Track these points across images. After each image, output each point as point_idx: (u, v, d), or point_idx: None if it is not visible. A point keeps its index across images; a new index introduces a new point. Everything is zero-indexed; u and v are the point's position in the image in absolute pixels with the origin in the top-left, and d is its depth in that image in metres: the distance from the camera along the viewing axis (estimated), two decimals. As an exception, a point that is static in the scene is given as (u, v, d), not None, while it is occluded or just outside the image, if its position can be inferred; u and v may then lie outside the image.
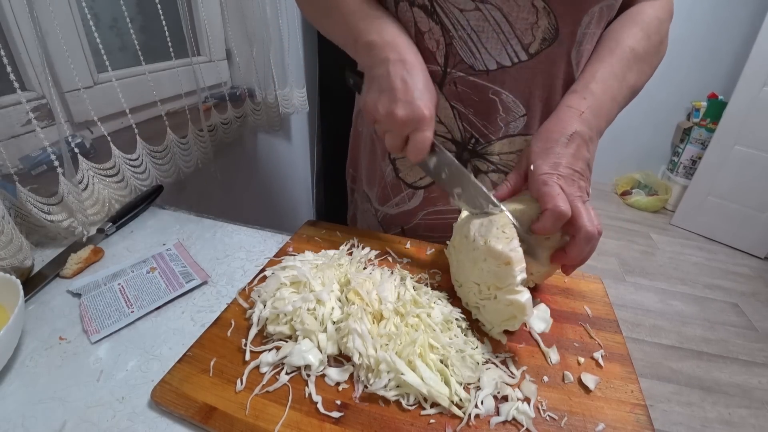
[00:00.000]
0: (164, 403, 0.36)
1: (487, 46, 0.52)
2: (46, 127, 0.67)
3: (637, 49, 0.52)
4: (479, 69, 0.53)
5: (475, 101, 0.56)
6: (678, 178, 2.83)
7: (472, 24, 0.51)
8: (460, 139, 0.59)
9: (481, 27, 0.51)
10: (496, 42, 0.51)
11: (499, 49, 0.52)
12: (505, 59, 0.52)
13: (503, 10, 0.49)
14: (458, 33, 0.52)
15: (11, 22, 0.62)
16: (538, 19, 0.49)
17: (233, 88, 1.14)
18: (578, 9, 0.50)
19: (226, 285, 0.54)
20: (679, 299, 2.02)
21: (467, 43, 0.52)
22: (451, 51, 0.53)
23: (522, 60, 0.52)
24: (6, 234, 0.49)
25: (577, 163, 0.45)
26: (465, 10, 0.50)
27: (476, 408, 0.35)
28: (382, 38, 0.49)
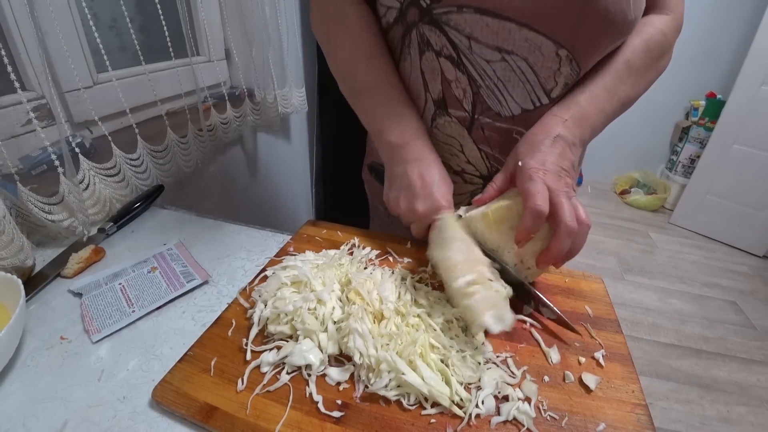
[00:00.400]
0: (165, 402, 0.36)
1: (512, 94, 0.54)
2: (46, 126, 0.67)
3: (633, 62, 0.52)
4: (505, 115, 0.56)
5: (501, 142, 0.58)
6: (677, 176, 2.83)
7: (498, 74, 0.53)
8: (487, 174, 0.62)
9: (507, 77, 0.53)
10: (521, 90, 0.54)
11: (524, 96, 0.54)
12: (528, 104, 0.55)
13: (528, 60, 0.51)
14: (485, 82, 0.54)
15: (11, 22, 0.62)
16: (561, 66, 0.51)
17: (232, 88, 1.14)
18: (597, 54, 0.52)
19: (227, 285, 0.54)
20: (677, 298, 2.02)
21: (494, 92, 0.54)
22: (478, 99, 0.55)
23: (544, 104, 0.54)
24: (7, 234, 0.49)
25: (563, 162, 0.47)
26: (491, 61, 0.52)
27: (477, 408, 0.36)
28: (402, 139, 0.55)
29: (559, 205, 0.43)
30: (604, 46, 0.51)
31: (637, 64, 0.53)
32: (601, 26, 0.48)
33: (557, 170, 0.46)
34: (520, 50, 0.50)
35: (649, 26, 0.54)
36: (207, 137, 0.95)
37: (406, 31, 0.55)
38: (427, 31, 0.53)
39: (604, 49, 0.52)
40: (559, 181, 0.45)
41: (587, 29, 0.48)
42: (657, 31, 0.54)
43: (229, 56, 1.12)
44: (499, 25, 0.49)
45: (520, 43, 0.50)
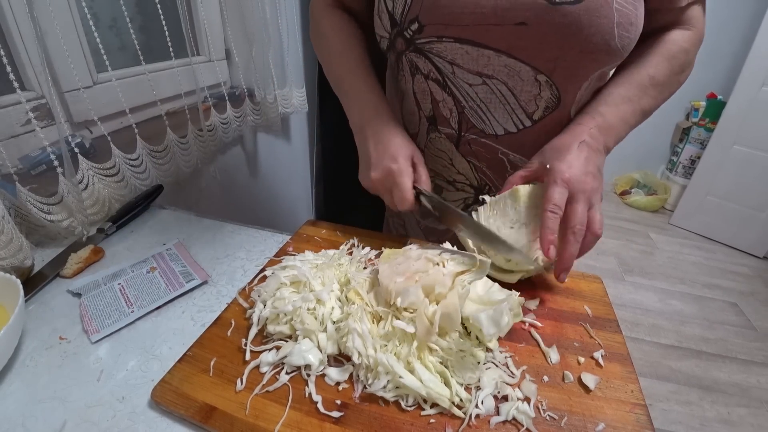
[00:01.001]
0: (164, 402, 0.36)
1: (495, 115, 0.56)
2: (45, 126, 0.67)
3: (657, 77, 0.54)
4: (489, 133, 0.58)
5: (487, 158, 0.61)
6: (677, 177, 2.83)
7: (480, 96, 0.55)
8: (477, 185, 0.65)
9: (489, 99, 0.55)
10: (502, 112, 0.55)
11: (505, 118, 0.56)
12: (511, 126, 0.57)
13: (508, 84, 0.53)
14: (468, 104, 0.56)
15: (11, 22, 0.62)
16: (541, 90, 0.53)
17: (232, 88, 1.14)
18: (579, 79, 0.53)
19: (226, 285, 0.54)
20: (678, 299, 2.02)
21: (477, 112, 0.57)
22: (464, 118, 0.58)
23: (527, 126, 0.56)
24: (6, 234, 0.49)
25: (588, 165, 0.48)
26: (473, 84, 0.54)
27: (476, 408, 0.36)
28: (362, 119, 0.58)
29: (572, 211, 0.46)
30: (586, 73, 0.52)
31: (660, 79, 0.54)
32: (582, 57, 0.49)
33: (582, 174, 0.47)
34: (500, 75, 0.52)
35: (671, 44, 0.55)
36: (207, 137, 0.95)
37: (397, 57, 0.59)
38: (414, 57, 0.56)
39: (586, 76, 0.52)
40: (582, 184, 0.47)
41: (567, 59, 0.50)
42: (679, 49, 0.55)
43: (229, 56, 1.12)
44: (478, 52, 0.51)
45: (499, 68, 0.51)
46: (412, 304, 0.40)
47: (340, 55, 0.62)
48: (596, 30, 0.47)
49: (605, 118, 0.52)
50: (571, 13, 0.46)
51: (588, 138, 0.50)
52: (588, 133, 0.50)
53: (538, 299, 0.50)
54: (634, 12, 0.48)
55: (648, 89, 0.54)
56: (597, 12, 0.46)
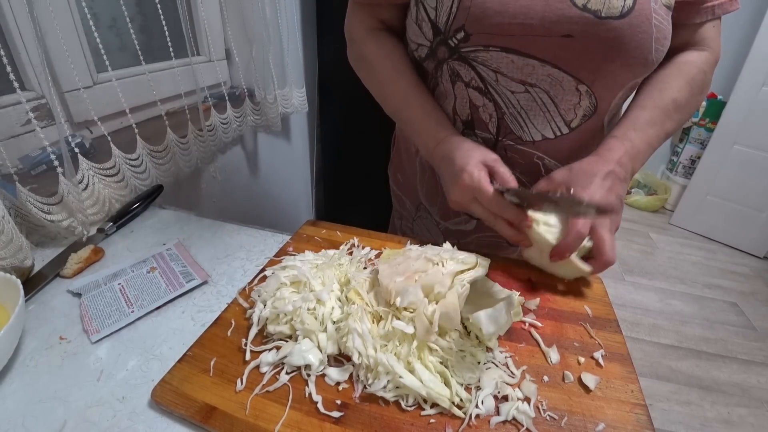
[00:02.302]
0: (164, 402, 0.36)
1: (534, 122, 0.57)
2: (45, 126, 0.67)
3: (679, 101, 0.56)
4: (526, 140, 0.59)
5: (522, 164, 0.62)
6: (677, 177, 2.83)
7: (521, 104, 0.56)
8: None
9: (530, 106, 0.56)
10: (542, 119, 0.57)
11: (544, 125, 0.57)
12: (549, 133, 0.58)
13: (550, 93, 0.54)
14: (509, 110, 0.57)
15: (11, 22, 0.62)
16: (581, 99, 0.54)
17: (233, 88, 1.14)
18: (615, 89, 0.55)
19: (227, 285, 0.54)
20: (678, 299, 2.02)
21: (517, 119, 0.58)
22: (503, 123, 0.59)
23: (564, 133, 0.58)
24: (6, 234, 0.49)
25: (610, 196, 0.50)
26: (516, 92, 0.55)
27: (476, 408, 0.36)
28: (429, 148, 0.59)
29: (602, 240, 0.49)
30: (623, 84, 0.55)
31: (683, 102, 0.56)
32: (622, 68, 0.52)
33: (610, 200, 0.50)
34: (543, 84, 0.53)
35: (691, 66, 0.57)
36: (207, 137, 0.95)
37: (437, 65, 0.59)
38: (457, 65, 0.56)
39: (622, 85, 0.55)
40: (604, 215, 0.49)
41: (608, 70, 0.52)
42: (698, 71, 0.57)
43: (230, 56, 1.12)
44: (523, 61, 0.52)
45: (542, 77, 0.53)
46: (411, 303, 0.40)
47: (392, 83, 0.62)
48: (638, 44, 0.49)
49: (633, 143, 0.53)
50: (615, 27, 0.48)
51: (616, 167, 0.51)
52: (617, 161, 0.51)
53: (538, 299, 0.50)
54: (668, 27, 0.51)
55: (671, 113, 0.55)
56: (639, 27, 0.48)
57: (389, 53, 0.62)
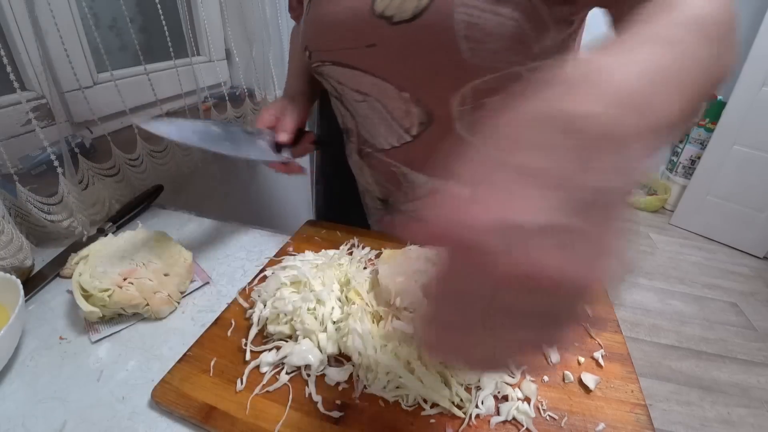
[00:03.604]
0: (164, 402, 0.36)
1: (379, 130, 0.58)
2: (46, 126, 0.67)
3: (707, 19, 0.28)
4: (379, 148, 0.60)
5: (383, 171, 0.63)
6: (677, 177, 2.82)
7: (365, 112, 0.57)
8: (382, 197, 0.68)
9: (371, 115, 0.57)
10: (384, 127, 0.57)
11: (388, 133, 0.57)
12: (394, 141, 0.58)
13: (381, 102, 0.54)
14: (358, 119, 0.60)
15: (11, 22, 0.62)
16: (410, 107, 0.53)
17: (233, 88, 1.14)
18: (444, 94, 0.50)
19: (227, 285, 0.54)
20: (678, 299, 2.02)
21: (366, 128, 0.60)
22: (359, 131, 0.61)
23: (407, 141, 0.56)
24: (6, 234, 0.49)
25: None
26: (358, 101, 0.56)
27: (476, 408, 0.36)
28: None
29: None
30: (453, 89, 0.49)
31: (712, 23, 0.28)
32: (433, 74, 0.48)
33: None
34: (373, 92, 0.54)
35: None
36: (207, 137, 0.94)
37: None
38: (320, 78, 0.60)
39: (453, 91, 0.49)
40: None
41: (419, 77, 0.49)
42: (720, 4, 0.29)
43: (230, 56, 1.12)
44: (351, 73, 0.53)
45: (370, 86, 0.53)
46: (411, 304, 0.40)
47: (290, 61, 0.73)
48: (437, 46, 0.44)
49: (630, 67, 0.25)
50: (408, 31, 0.44)
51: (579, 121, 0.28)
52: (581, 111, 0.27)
53: None
54: (494, 20, 0.41)
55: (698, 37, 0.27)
56: (434, 27, 0.43)
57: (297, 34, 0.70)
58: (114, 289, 0.45)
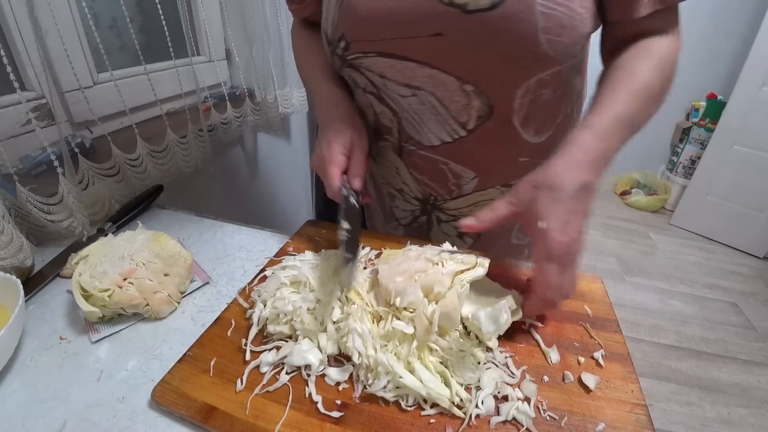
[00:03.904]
0: (165, 402, 0.36)
1: (428, 126, 0.55)
2: (46, 127, 0.67)
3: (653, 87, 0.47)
4: (426, 144, 0.58)
5: (428, 169, 0.61)
6: (677, 177, 2.82)
7: (413, 108, 0.54)
8: (421, 197, 0.65)
9: (421, 110, 0.54)
10: (435, 122, 0.55)
11: (439, 128, 0.55)
12: (446, 136, 0.56)
13: (436, 95, 0.52)
14: (403, 115, 0.56)
15: (11, 22, 0.62)
16: (470, 100, 0.51)
17: (233, 88, 1.14)
18: (510, 88, 0.50)
19: (227, 285, 0.54)
20: (678, 299, 2.02)
21: (412, 124, 0.57)
22: (402, 128, 0.58)
23: (462, 136, 0.55)
24: (6, 234, 0.49)
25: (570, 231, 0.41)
26: (404, 96, 0.54)
27: (476, 408, 0.35)
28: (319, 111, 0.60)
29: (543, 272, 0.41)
30: (517, 82, 0.49)
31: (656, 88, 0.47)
32: (506, 65, 0.47)
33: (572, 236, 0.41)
34: (426, 86, 0.51)
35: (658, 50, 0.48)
36: (207, 137, 0.95)
37: (339, 72, 0.59)
38: (351, 72, 0.56)
39: (517, 84, 0.50)
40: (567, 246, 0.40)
41: (490, 68, 0.48)
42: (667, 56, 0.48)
43: (230, 56, 1.12)
44: (401, 65, 0.50)
45: (424, 79, 0.51)
46: (411, 303, 0.40)
47: (304, 59, 0.66)
48: (517, 37, 0.44)
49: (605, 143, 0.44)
50: (486, 20, 0.43)
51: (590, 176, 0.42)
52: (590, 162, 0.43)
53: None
54: (567, 14, 0.43)
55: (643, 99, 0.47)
56: (516, 17, 0.43)
57: (306, 38, 0.66)
58: (114, 289, 0.45)
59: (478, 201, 0.63)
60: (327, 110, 0.58)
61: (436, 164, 0.59)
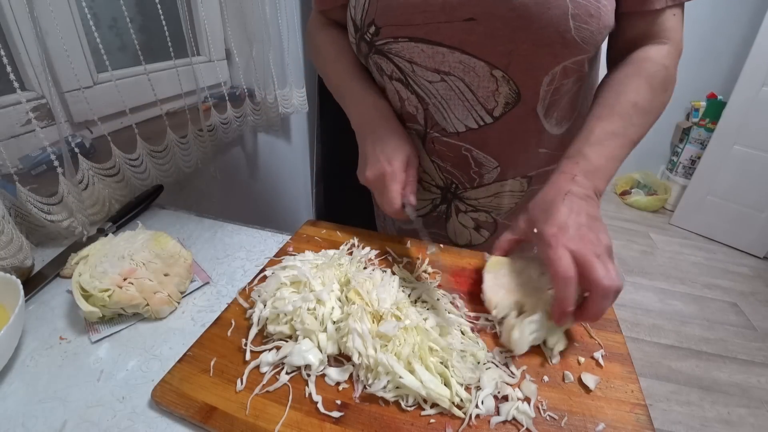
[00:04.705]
0: (164, 402, 0.36)
1: (455, 112, 0.56)
2: (46, 126, 0.67)
3: (640, 103, 0.50)
4: (451, 131, 0.59)
5: (451, 156, 0.61)
6: (677, 177, 2.83)
7: (441, 93, 0.55)
8: (443, 185, 0.66)
9: (449, 96, 0.55)
10: (462, 108, 0.55)
11: (465, 114, 0.56)
12: (472, 123, 0.57)
13: (465, 80, 0.52)
14: (431, 101, 0.57)
15: (11, 22, 0.62)
16: (499, 86, 0.52)
17: (233, 88, 1.14)
18: (538, 74, 0.51)
19: (227, 285, 0.54)
20: (678, 299, 2.02)
21: (439, 110, 0.57)
22: (428, 115, 0.59)
23: (487, 123, 0.56)
24: (6, 234, 0.49)
25: (579, 218, 0.43)
26: (433, 81, 0.54)
27: (476, 408, 0.36)
28: (362, 119, 0.59)
29: (589, 265, 0.39)
30: (545, 68, 0.50)
31: (644, 104, 0.50)
32: (536, 50, 0.48)
33: (576, 229, 0.42)
34: (456, 71, 0.52)
35: (649, 63, 0.51)
36: (207, 137, 0.95)
37: (365, 60, 0.59)
38: (378, 59, 0.56)
39: (545, 70, 0.51)
40: (581, 240, 0.41)
41: (521, 53, 0.49)
42: (659, 67, 0.51)
43: (230, 56, 1.12)
44: (432, 50, 0.51)
45: (454, 64, 0.51)
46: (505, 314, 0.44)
47: (334, 62, 0.64)
48: (548, 21, 0.45)
49: (589, 160, 0.47)
50: (519, 5, 0.45)
51: (574, 187, 0.45)
52: (572, 181, 0.46)
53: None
54: (594, 3, 0.45)
55: (633, 117, 0.49)
56: (548, 3, 0.44)
57: (334, 40, 0.64)
58: (114, 289, 0.45)
59: (498, 192, 0.64)
60: (376, 122, 0.58)
61: (460, 150, 0.60)
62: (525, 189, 0.64)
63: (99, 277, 0.46)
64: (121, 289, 0.45)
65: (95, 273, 0.46)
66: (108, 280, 0.45)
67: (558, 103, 0.56)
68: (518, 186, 0.64)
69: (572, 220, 0.43)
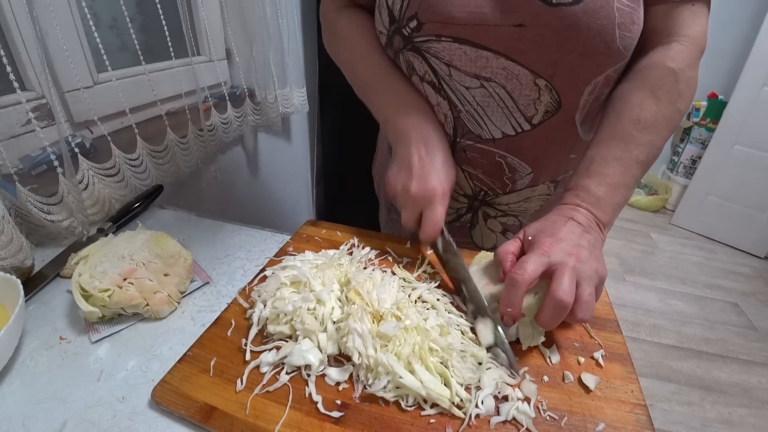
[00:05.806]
0: (164, 402, 0.36)
1: (492, 119, 0.54)
2: (46, 127, 0.67)
3: (644, 119, 0.47)
4: (486, 138, 0.56)
5: (483, 163, 0.59)
6: (678, 177, 2.82)
7: (477, 100, 0.53)
8: (471, 193, 0.64)
9: (486, 102, 0.53)
10: (500, 115, 0.54)
11: (503, 122, 0.54)
12: (509, 130, 0.55)
13: (507, 88, 0.51)
14: (465, 107, 0.55)
15: (11, 22, 0.62)
16: (541, 95, 0.51)
17: (233, 88, 1.14)
18: (580, 83, 0.51)
19: (227, 285, 0.54)
20: (679, 299, 2.02)
21: (474, 117, 0.55)
22: (459, 123, 0.57)
23: (525, 130, 0.55)
24: (6, 234, 0.49)
25: (581, 240, 0.42)
26: (471, 87, 0.52)
27: (476, 408, 0.35)
28: (407, 121, 0.54)
29: (558, 274, 0.38)
30: (588, 77, 0.50)
31: (648, 119, 0.47)
32: (582, 60, 0.48)
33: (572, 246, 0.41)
34: (498, 78, 0.51)
35: (653, 70, 0.49)
36: (207, 137, 0.95)
37: (395, 55, 0.57)
38: (411, 57, 0.54)
39: (588, 80, 0.50)
40: (570, 257, 0.40)
41: (567, 62, 0.48)
42: (665, 73, 0.48)
43: (230, 56, 1.12)
44: (476, 53, 0.49)
45: (497, 71, 0.50)
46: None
47: (366, 56, 0.59)
48: (596, 32, 0.45)
49: (590, 192, 0.46)
50: (569, 14, 0.44)
51: (577, 215, 0.45)
52: (575, 211, 0.45)
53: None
54: (637, 10, 0.46)
55: (636, 137, 0.47)
56: (597, 13, 0.44)
57: (360, 26, 0.59)
58: (114, 289, 0.45)
59: (529, 197, 0.63)
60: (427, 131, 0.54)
61: (494, 157, 0.58)
62: (551, 192, 0.64)
63: (99, 277, 0.46)
64: (121, 289, 0.45)
65: (95, 273, 0.46)
66: (108, 280, 0.45)
67: (595, 111, 0.56)
68: (546, 190, 0.63)
69: (572, 238, 0.42)
